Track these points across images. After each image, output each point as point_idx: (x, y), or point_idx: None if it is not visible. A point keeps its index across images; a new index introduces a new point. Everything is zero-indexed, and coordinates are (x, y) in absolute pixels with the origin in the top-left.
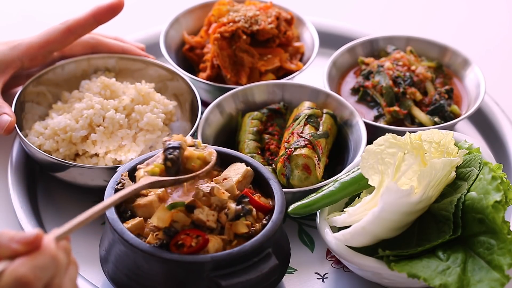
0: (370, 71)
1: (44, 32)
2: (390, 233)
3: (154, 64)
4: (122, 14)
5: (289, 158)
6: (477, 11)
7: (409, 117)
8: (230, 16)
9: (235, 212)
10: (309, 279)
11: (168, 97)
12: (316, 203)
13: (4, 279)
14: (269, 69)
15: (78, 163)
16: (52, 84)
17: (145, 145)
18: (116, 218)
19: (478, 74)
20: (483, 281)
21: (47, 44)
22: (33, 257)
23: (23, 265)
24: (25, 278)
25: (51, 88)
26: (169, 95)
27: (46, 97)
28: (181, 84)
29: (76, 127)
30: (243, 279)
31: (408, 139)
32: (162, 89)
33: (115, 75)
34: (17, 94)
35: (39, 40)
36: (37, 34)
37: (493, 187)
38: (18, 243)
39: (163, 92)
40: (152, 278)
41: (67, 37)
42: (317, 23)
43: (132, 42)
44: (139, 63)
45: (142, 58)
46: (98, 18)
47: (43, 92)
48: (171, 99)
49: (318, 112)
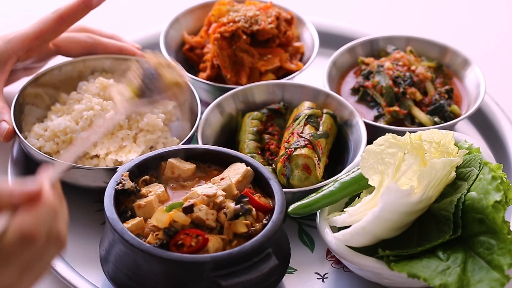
0: (370, 71)
1: (37, 22)
2: (390, 233)
3: None
4: (122, 14)
5: (289, 158)
6: (477, 11)
7: (409, 117)
8: (230, 16)
9: (234, 211)
10: (309, 279)
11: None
12: (316, 203)
13: (9, 236)
14: (269, 69)
15: (79, 164)
16: (49, 85)
17: (145, 146)
18: (116, 218)
19: (478, 74)
20: (483, 281)
21: (41, 35)
22: (34, 210)
23: (27, 219)
24: (30, 232)
25: (48, 90)
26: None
27: (43, 99)
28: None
29: (76, 128)
30: (243, 279)
31: (408, 139)
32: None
33: (112, 75)
34: (16, 97)
35: (33, 31)
36: (30, 26)
37: (493, 187)
38: (19, 197)
39: None
40: (152, 278)
41: (60, 26)
42: (317, 23)
43: (129, 41)
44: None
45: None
46: (88, 3)
47: (40, 94)
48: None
49: (318, 112)
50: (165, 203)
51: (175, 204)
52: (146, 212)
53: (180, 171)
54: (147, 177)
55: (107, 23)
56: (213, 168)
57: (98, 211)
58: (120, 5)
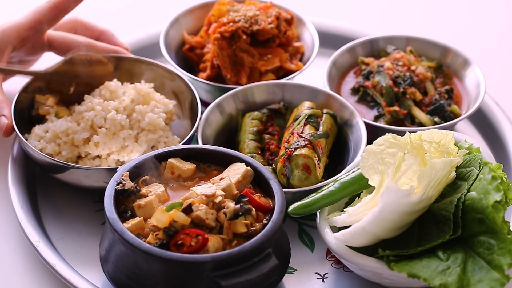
0: (370, 71)
1: (31, 12)
2: (390, 233)
3: (152, 64)
4: (122, 14)
5: (289, 158)
6: (477, 11)
7: (409, 117)
8: (230, 16)
9: (234, 211)
10: (309, 279)
11: (167, 96)
12: (316, 203)
13: None
14: (269, 69)
15: (81, 165)
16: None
17: (147, 145)
18: (116, 218)
19: (478, 74)
20: (483, 281)
21: (36, 24)
22: None
23: None
24: None
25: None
26: (169, 94)
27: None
28: (181, 84)
29: (77, 129)
30: (243, 279)
31: (408, 139)
32: (160, 88)
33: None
34: (15, 98)
35: (28, 21)
36: (24, 15)
37: (493, 187)
38: None
39: (162, 91)
40: (152, 278)
41: (55, 15)
42: (317, 23)
43: (122, 41)
44: (139, 63)
45: (140, 58)
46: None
47: None
48: (171, 97)
49: (318, 112)
50: (165, 203)
51: (175, 204)
52: (146, 212)
53: (180, 171)
54: (147, 177)
55: (107, 23)
56: (213, 168)
57: (98, 211)
58: (120, 5)
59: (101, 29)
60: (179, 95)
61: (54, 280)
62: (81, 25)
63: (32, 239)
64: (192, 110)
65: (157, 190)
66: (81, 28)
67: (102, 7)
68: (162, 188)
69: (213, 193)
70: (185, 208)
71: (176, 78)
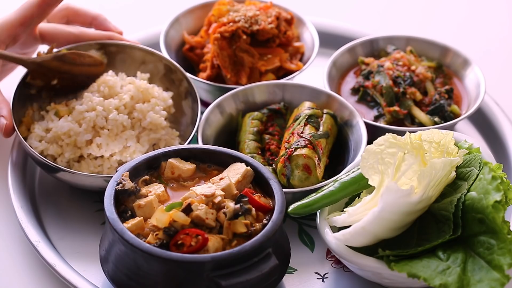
0: (370, 71)
1: (20, 8)
2: (390, 233)
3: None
4: (122, 14)
5: (289, 158)
6: (477, 11)
7: (409, 117)
8: (230, 16)
9: (234, 211)
10: (309, 279)
11: (163, 85)
12: (316, 203)
13: None
14: (269, 69)
15: (83, 166)
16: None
17: (149, 145)
18: (116, 218)
19: (478, 74)
20: (483, 281)
21: (25, 20)
22: None
23: None
24: None
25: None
26: (165, 82)
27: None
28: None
29: (79, 131)
30: (243, 279)
31: (408, 139)
32: (156, 78)
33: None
34: (13, 95)
35: (17, 17)
36: (13, 12)
37: (493, 187)
38: None
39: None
40: (152, 278)
41: (43, 9)
42: (317, 23)
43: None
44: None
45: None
46: None
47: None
48: (167, 87)
49: (318, 112)
50: (165, 203)
51: (175, 204)
52: (146, 212)
53: (180, 171)
54: (147, 177)
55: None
56: (213, 168)
57: (98, 211)
58: (120, 5)
59: (93, 15)
60: (176, 81)
61: (54, 280)
62: (73, 13)
63: (32, 239)
64: (192, 110)
65: (157, 190)
66: (73, 16)
67: (102, 7)
68: (162, 188)
69: (213, 193)
70: (185, 208)
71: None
